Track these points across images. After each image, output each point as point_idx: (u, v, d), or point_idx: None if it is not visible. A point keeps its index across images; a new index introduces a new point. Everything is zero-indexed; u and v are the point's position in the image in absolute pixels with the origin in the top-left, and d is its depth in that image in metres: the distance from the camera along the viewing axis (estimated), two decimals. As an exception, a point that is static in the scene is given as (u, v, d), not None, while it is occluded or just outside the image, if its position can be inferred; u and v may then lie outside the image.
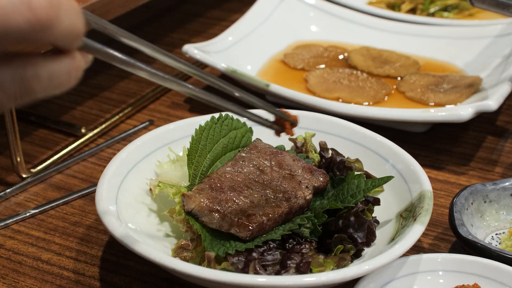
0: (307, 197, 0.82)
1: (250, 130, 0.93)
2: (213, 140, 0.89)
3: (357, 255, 0.81)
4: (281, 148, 0.91)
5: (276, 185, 0.83)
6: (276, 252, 0.77)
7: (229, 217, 0.78)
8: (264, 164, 0.86)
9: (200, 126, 0.89)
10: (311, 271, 0.76)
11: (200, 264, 0.78)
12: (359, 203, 0.81)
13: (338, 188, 0.84)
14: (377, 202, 0.86)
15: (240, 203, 0.80)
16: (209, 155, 0.88)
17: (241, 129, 0.92)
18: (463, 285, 0.77)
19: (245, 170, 0.85)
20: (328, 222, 0.82)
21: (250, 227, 0.77)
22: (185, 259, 0.78)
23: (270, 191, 0.82)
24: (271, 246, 0.78)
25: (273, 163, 0.86)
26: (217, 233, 0.79)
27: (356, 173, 0.85)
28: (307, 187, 0.83)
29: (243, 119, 0.92)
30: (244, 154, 0.87)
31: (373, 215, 0.85)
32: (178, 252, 0.79)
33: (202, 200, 0.79)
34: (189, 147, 0.88)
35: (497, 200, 0.91)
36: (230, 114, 0.91)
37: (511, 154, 1.09)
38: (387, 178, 0.83)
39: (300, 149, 0.94)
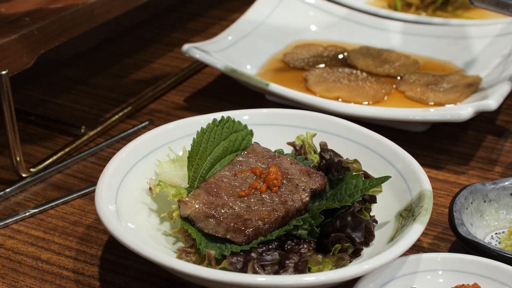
0: (304, 200, 0.82)
1: (251, 133, 0.93)
2: (213, 142, 0.89)
3: (356, 254, 0.81)
4: (279, 152, 0.91)
5: None
6: (275, 253, 0.77)
7: (225, 223, 0.78)
8: (261, 168, 0.86)
9: (202, 128, 0.89)
10: (309, 270, 0.76)
11: (201, 264, 0.78)
12: (356, 202, 0.81)
13: (336, 188, 0.84)
14: (373, 199, 0.86)
15: (236, 208, 0.80)
16: (209, 157, 0.88)
17: (241, 131, 0.92)
18: (462, 284, 0.77)
19: (242, 174, 0.85)
20: (326, 224, 0.82)
21: (246, 232, 0.77)
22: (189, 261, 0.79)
23: (266, 195, 0.82)
24: (270, 247, 0.78)
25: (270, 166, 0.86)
26: (212, 237, 0.79)
27: (354, 173, 0.85)
28: (304, 189, 0.83)
29: (244, 122, 0.92)
30: (241, 158, 0.87)
31: (372, 214, 0.85)
32: (182, 255, 0.79)
33: (197, 206, 0.80)
34: (189, 149, 0.87)
35: (496, 199, 0.91)
36: (231, 116, 0.91)
37: (511, 153, 1.09)
38: (385, 178, 0.83)
39: (299, 151, 0.93)
